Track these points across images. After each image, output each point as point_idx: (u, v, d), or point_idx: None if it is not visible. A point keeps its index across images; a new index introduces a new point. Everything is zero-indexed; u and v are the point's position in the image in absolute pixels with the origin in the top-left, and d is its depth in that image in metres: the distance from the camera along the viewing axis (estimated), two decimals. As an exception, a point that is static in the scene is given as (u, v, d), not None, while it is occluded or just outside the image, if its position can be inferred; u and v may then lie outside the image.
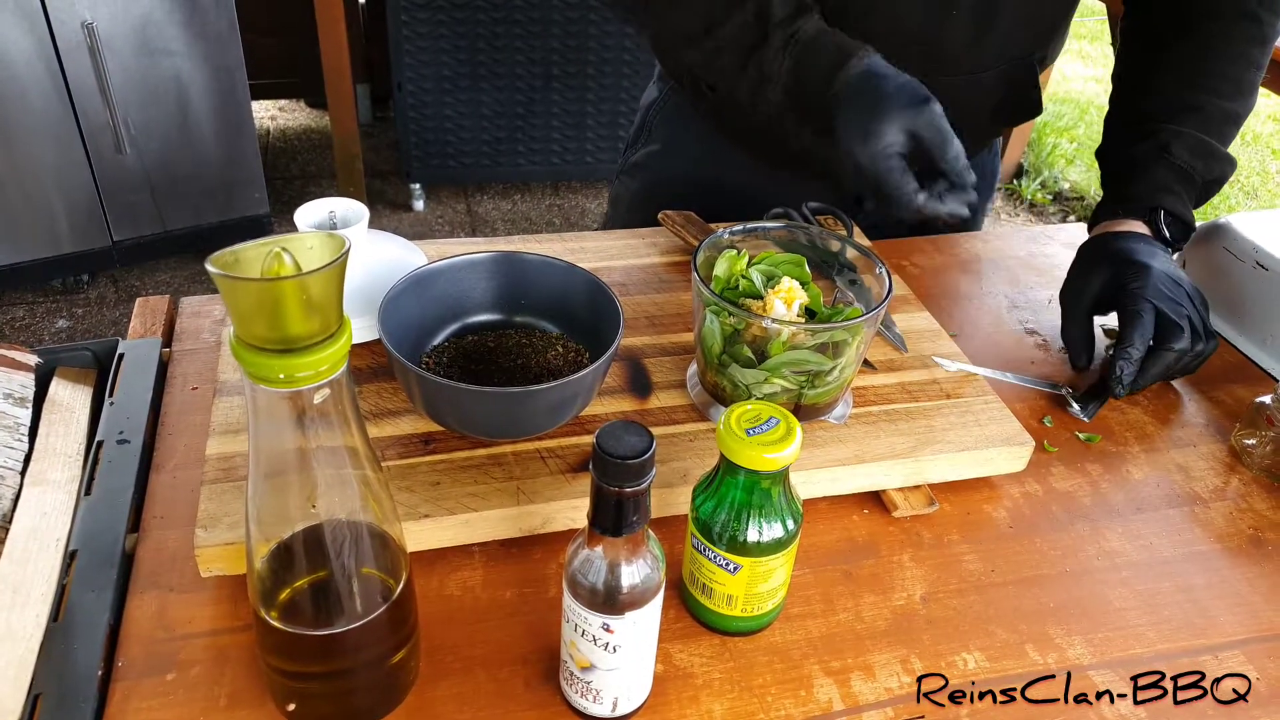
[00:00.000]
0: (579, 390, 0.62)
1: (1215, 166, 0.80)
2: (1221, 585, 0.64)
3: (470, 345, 0.71)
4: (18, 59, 2.02)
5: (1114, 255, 0.78)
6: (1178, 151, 0.79)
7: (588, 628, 0.48)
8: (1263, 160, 3.65)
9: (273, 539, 0.45)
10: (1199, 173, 0.80)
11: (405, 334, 0.66)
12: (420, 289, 0.68)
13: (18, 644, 0.52)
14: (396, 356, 0.60)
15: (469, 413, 0.62)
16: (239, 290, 0.36)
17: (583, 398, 0.64)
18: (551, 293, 0.71)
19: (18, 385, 0.68)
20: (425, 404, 0.63)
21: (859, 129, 0.67)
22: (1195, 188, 0.80)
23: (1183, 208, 0.80)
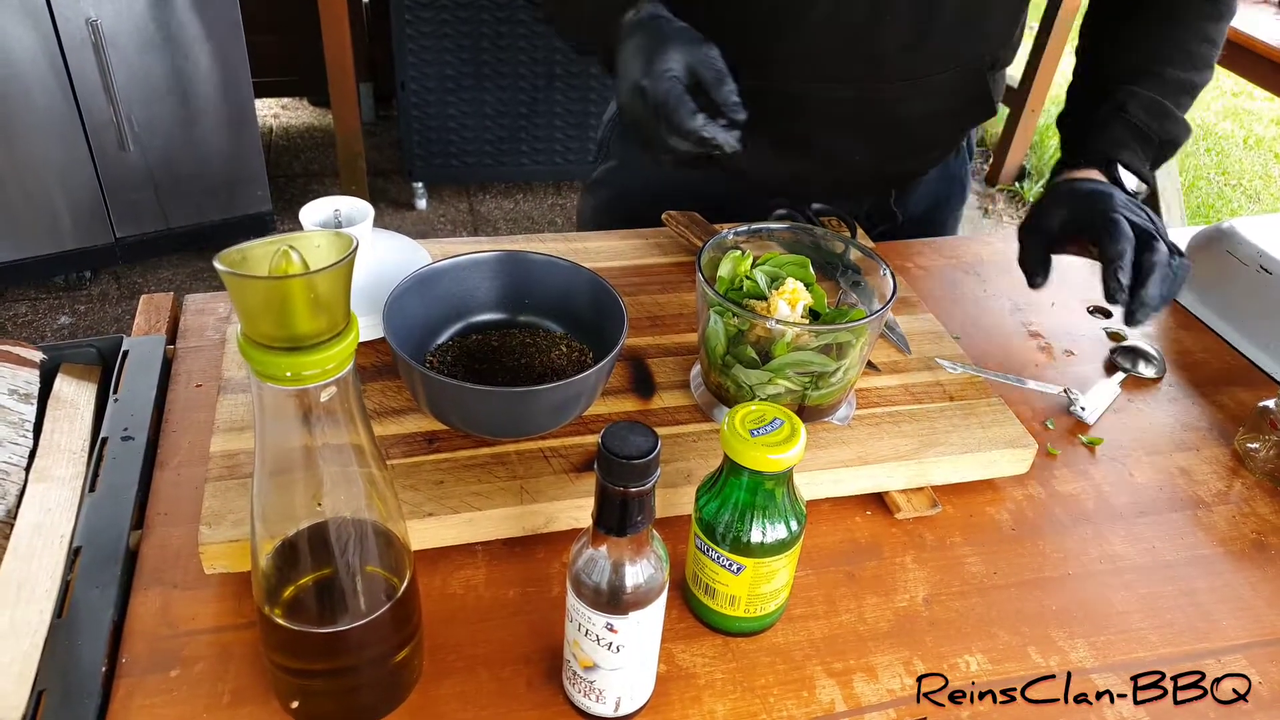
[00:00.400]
0: (582, 390, 0.62)
1: (1170, 127, 0.81)
2: (1224, 589, 0.64)
3: (474, 344, 0.71)
4: (22, 55, 2.02)
5: (1076, 190, 0.78)
6: (1134, 110, 0.81)
7: (591, 627, 0.48)
8: (1265, 164, 3.64)
9: (277, 536, 0.45)
10: (1154, 132, 0.80)
11: (409, 333, 0.66)
12: (424, 288, 0.68)
13: (22, 640, 0.52)
14: (401, 355, 0.60)
15: (472, 412, 0.62)
16: (247, 288, 0.36)
17: (586, 398, 0.64)
18: (556, 292, 0.71)
19: (22, 381, 0.69)
20: (429, 403, 0.63)
21: (642, 57, 0.69)
22: (1151, 147, 0.81)
23: (1138, 164, 0.80)
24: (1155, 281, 0.70)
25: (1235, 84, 4.21)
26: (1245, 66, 2.18)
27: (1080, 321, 0.90)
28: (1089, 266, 0.98)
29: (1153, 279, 0.71)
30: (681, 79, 0.68)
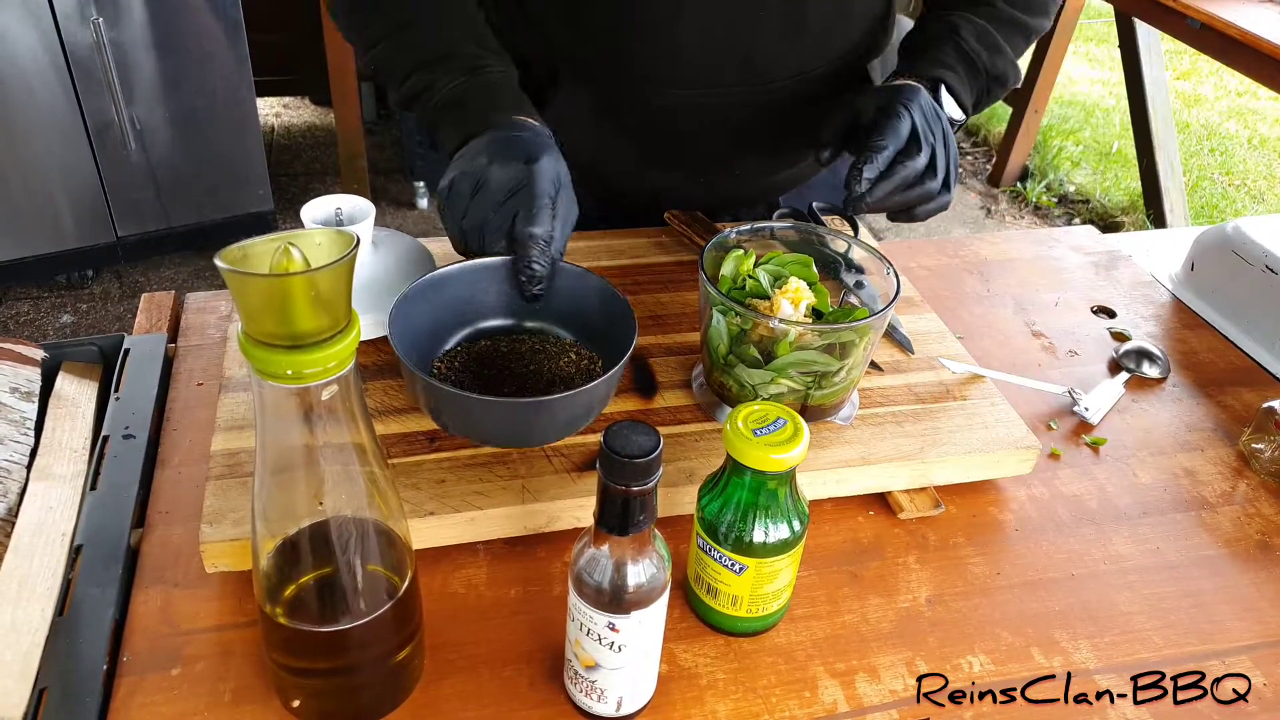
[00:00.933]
0: (591, 401, 0.62)
1: (999, 61, 0.81)
2: (1229, 590, 0.64)
3: (482, 350, 0.70)
4: (25, 55, 2.02)
5: (888, 87, 0.77)
6: (965, 35, 0.80)
7: (593, 626, 0.48)
8: (1270, 165, 3.64)
9: (279, 535, 0.45)
10: (983, 62, 0.80)
11: (416, 339, 0.65)
12: (432, 293, 0.68)
13: (23, 638, 0.52)
14: (406, 365, 0.59)
15: (478, 422, 0.62)
16: (248, 286, 0.36)
17: (596, 408, 0.64)
18: (565, 298, 0.70)
19: (24, 380, 0.68)
20: (434, 412, 0.63)
21: (483, 196, 0.66)
22: (978, 77, 0.80)
23: (961, 89, 0.79)
24: (892, 184, 0.69)
25: (1240, 83, 4.21)
26: (1250, 65, 2.17)
27: (1084, 321, 0.90)
28: (1092, 267, 0.98)
29: (891, 180, 0.69)
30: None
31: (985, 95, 0.82)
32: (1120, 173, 3.41)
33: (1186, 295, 0.94)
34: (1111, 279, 0.97)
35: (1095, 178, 3.40)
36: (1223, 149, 3.71)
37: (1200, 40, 2.28)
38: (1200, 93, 4.22)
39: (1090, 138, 3.66)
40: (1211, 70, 4.35)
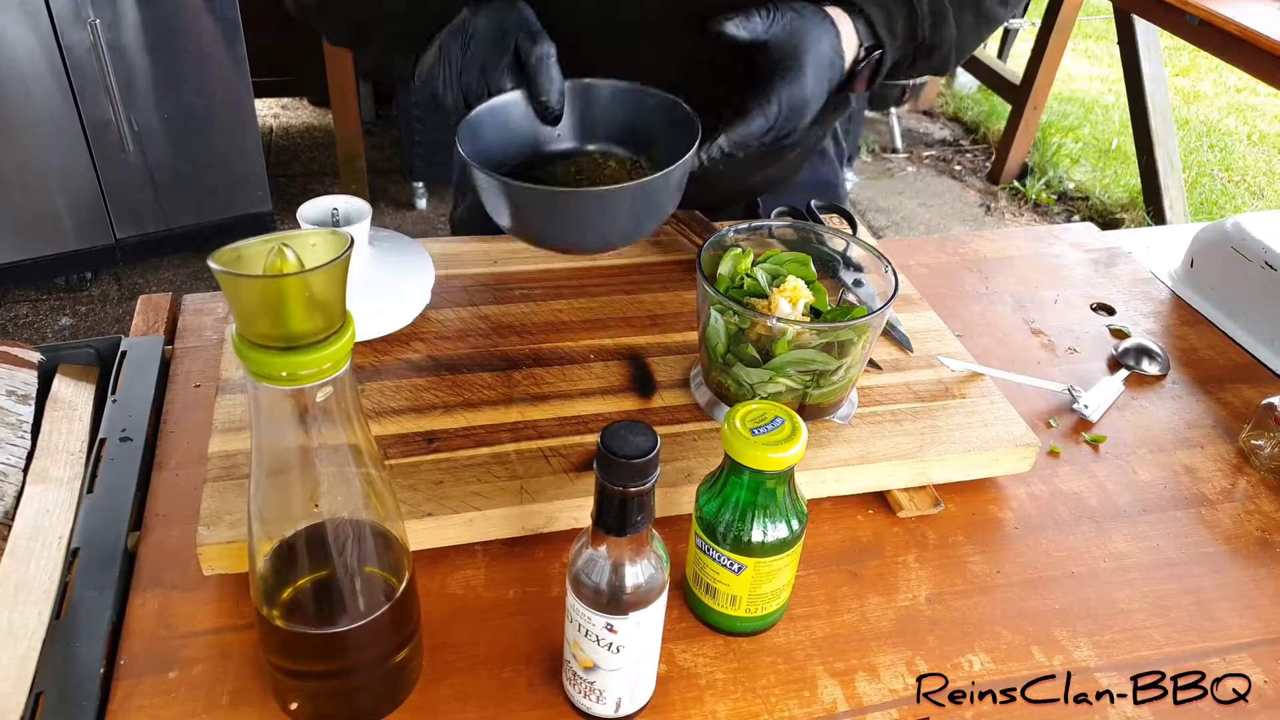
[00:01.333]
0: (667, 188, 0.64)
1: (939, 12, 0.76)
2: (1229, 587, 0.64)
3: (545, 174, 0.72)
4: (22, 56, 2.02)
5: (799, 13, 0.72)
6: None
7: (591, 627, 0.48)
8: (1269, 160, 3.63)
9: (275, 537, 0.45)
10: (921, 5, 0.75)
11: (485, 160, 0.66)
12: (495, 117, 0.69)
13: (19, 642, 0.52)
14: (479, 169, 0.61)
15: (557, 219, 0.63)
16: (241, 287, 0.36)
17: (669, 201, 0.65)
18: (624, 117, 0.72)
19: (20, 382, 0.68)
20: (515, 220, 0.64)
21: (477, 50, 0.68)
22: (908, 22, 0.75)
23: (884, 25, 0.75)
24: (733, 141, 0.68)
25: (1239, 79, 4.21)
26: (1248, 61, 2.17)
27: (1083, 319, 0.90)
28: (1091, 264, 0.98)
29: (732, 135, 0.68)
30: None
31: (910, 63, 0.79)
32: (1119, 169, 3.41)
33: (1186, 292, 0.94)
34: (1111, 276, 0.96)
35: (1094, 174, 3.40)
36: (1222, 145, 3.71)
37: (1199, 36, 2.28)
38: (1199, 89, 4.22)
39: (1089, 134, 3.66)
40: (1210, 66, 4.35)
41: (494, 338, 0.75)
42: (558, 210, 0.64)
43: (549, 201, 0.64)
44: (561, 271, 0.84)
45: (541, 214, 0.65)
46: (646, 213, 0.66)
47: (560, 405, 0.69)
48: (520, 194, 0.63)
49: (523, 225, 0.66)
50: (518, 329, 0.76)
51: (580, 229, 0.65)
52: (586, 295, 0.81)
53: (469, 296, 0.80)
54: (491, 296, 0.80)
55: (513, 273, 0.83)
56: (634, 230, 0.66)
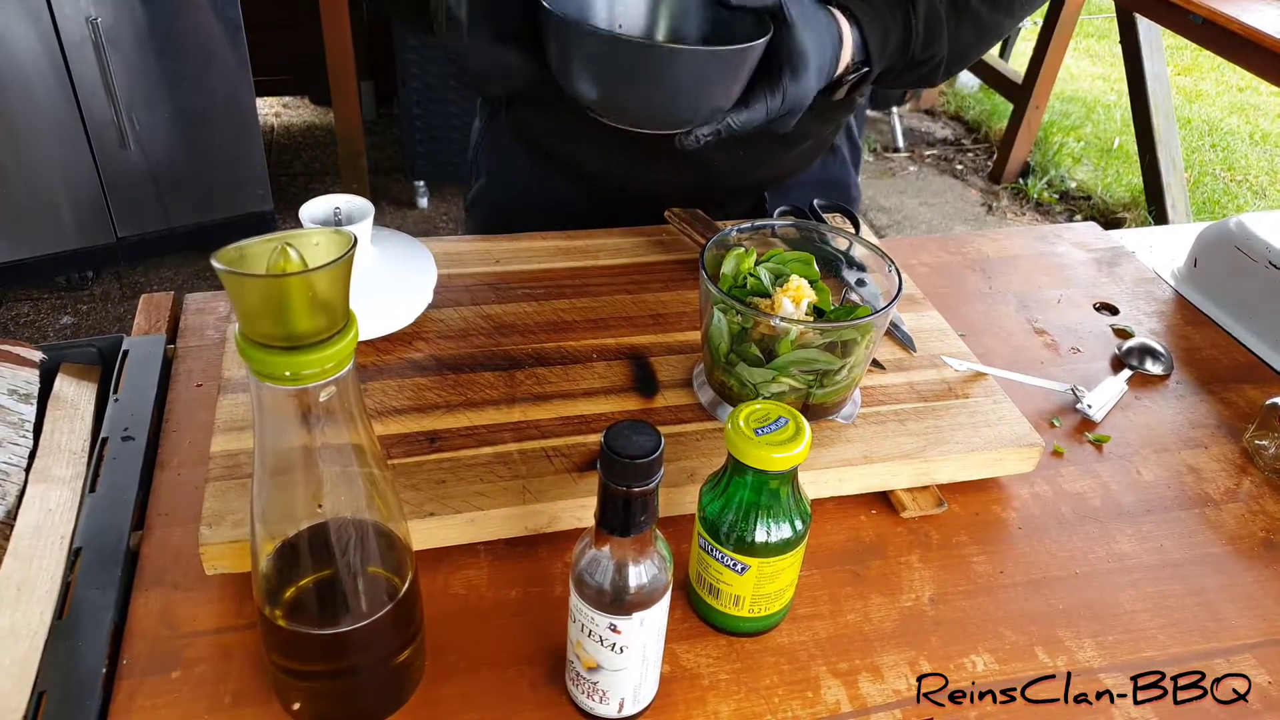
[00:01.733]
0: (741, 67, 0.64)
1: (934, 30, 0.76)
2: (1233, 588, 0.63)
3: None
4: (23, 55, 2.02)
5: (791, 34, 0.69)
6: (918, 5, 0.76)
7: (594, 628, 0.47)
8: (1271, 160, 3.63)
9: (278, 537, 0.45)
10: (917, 24, 0.75)
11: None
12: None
13: (22, 641, 0.52)
14: (559, 14, 0.60)
15: (636, 73, 0.62)
16: (245, 286, 0.36)
17: (735, 83, 0.65)
18: (695, 15, 0.71)
19: (22, 381, 0.68)
20: (594, 79, 0.63)
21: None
22: (902, 38, 0.75)
23: (878, 45, 0.74)
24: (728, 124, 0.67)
25: (1241, 79, 4.20)
26: (1251, 60, 2.17)
27: (1086, 318, 0.89)
28: (1094, 264, 0.98)
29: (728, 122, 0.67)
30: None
31: (895, 75, 0.79)
32: (1122, 169, 3.41)
33: (1189, 291, 0.94)
34: (1114, 275, 0.96)
35: (1097, 174, 3.40)
36: (1224, 144, 3.71)
37: (1202, 35, 2.27)
38: (1201, 88, 4.21)
39: (1092, 134, 3.65)
40: (1213, 65, 4.35)
41: (496, 337, 0.75)
42: (641, 66, 0.62)
43: (635, 55, 0.61)
44: (563, 271, 0.84)
45: (620, 71, 0.63)
46: (718, 91, 0.64)
47: (563, 405, 0.68)
48: (604, 44, 0.61)
49: (599, 84, 0.64)
50: (520, 328, 0.76)
51: (658, 92, 0.63)
52: (589, 294, 0.81)
53: (471, 296, 0.80)
54: (494, 296, 0.80)
55: (515, 272, 0.83)
56: (702, 106, 0.65)
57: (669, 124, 0.66)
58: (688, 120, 0.66)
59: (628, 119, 0.66)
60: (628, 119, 0.66)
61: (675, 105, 0.64)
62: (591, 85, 0.64)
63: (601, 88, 0.64)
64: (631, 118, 0.66)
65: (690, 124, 0.66)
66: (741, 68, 0.65)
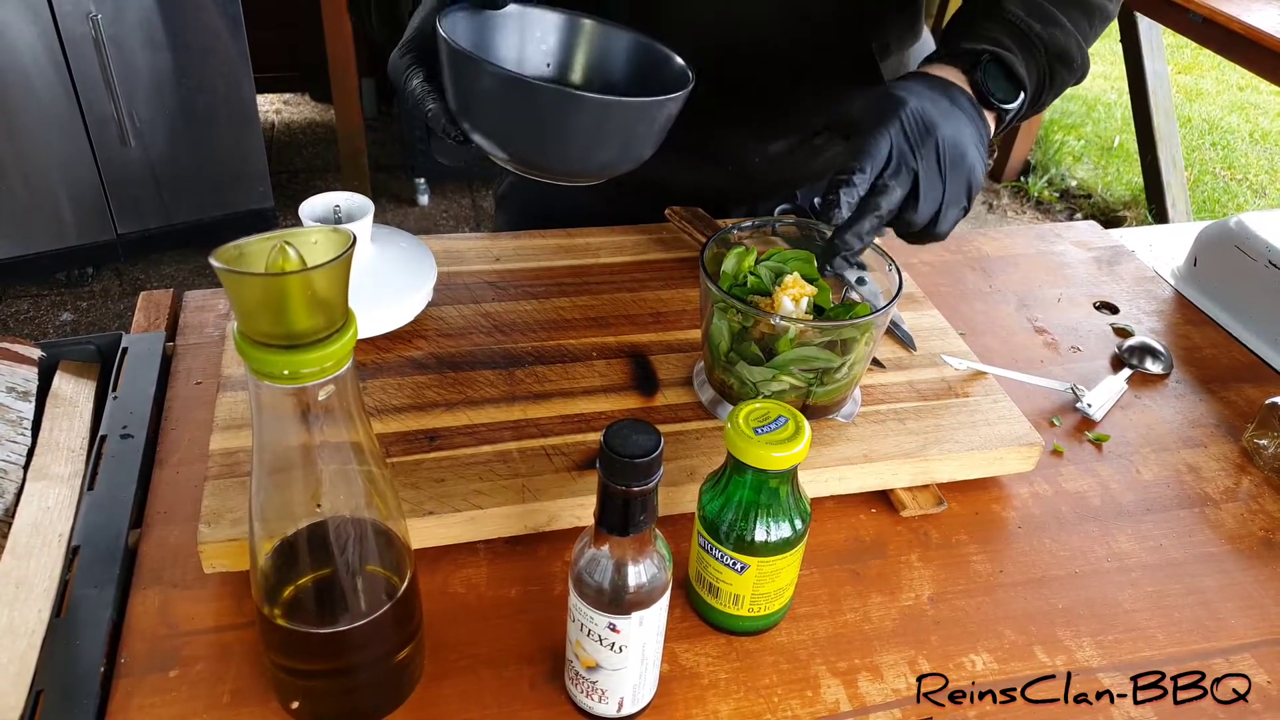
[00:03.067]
0: (658, 119, 0.59)
1: (1056, 34, 0.71)
2: (1232, 587, 0.63)
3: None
4: (23, 51, 2.02)
5: (882, 87, 0.67)
6: (1010, 6, 0.71)
7: (593, 627, 0.47)
8: (1271, 159, 3.63)
9: (276, 536, 0.45)
10: (1036, 35, 0.71)
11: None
12: (473, 22, 0.64)
13: (19, 640, 0.52)
14: (459, 48, 0.56)
15: (543, 123, 0.58)
16: (243, 285, 0.36)
17: (654, 133, 0.61)
18: (612, 61, 0.67)
19: (20, 379, 0.68)
20: (484, 116, 0.59)
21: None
22: (1034, 53, 0.71)
23: (1013, 60, 0.69)
24: (868, 219, 0.61)
25: (1241, 77, 4.20)
26: (1251, 59, 2.16)
27: (1086, 317, 0.89)
28: (1094, 263, 0.98)
29: (866, 214, 0.61)
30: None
31: (1049, 78, 0.72)
32: (1122, 167, 3.41)
33: (1189, 291, 0.94)
34: (1114, 274, 0.96)
35: (1097, 173, 3.40)
36: (1224, 143, 3.71)
37: (1202, 34, 2.27)
38: (1202, 87, 4.21)
39: (1092, 132, 3.65)
40: (1213, 64, 4.34)
41: (496, 335, 0.75)
42: (556, 114, 0.57)
43: (551, 102, 0.56)
44: (563, 269, 0.84)
45: (535, 118, 0.57)
46: (635, 140, 0.60)
47: (562, 403, 0.68)
48: (516, 89, 0.56)
49: (508, 130, 0.59)
50: (520, 326, 0.76)
51: (570, 141, 0.59)
52: (589, 293, 0.81)
53: (471, 294, 0.80)
54: (494, 294, 0.80)
55: (515, 270, 0.83)
56: (617, 157, 0.61)
57: (582, 176, 0.62)
58: (596, 171, 0.62)
59: (534, 169, 0.62)
60: (534, 169, 0.62)
61: (583, 154, 0.60)
62: (491, 123, 0.59)
63: (499, 129, 0.59)
64: (538, 168, 0.62)
65: (607, 174, 0.62)
66: (663, 118, 0.60)
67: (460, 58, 0.57)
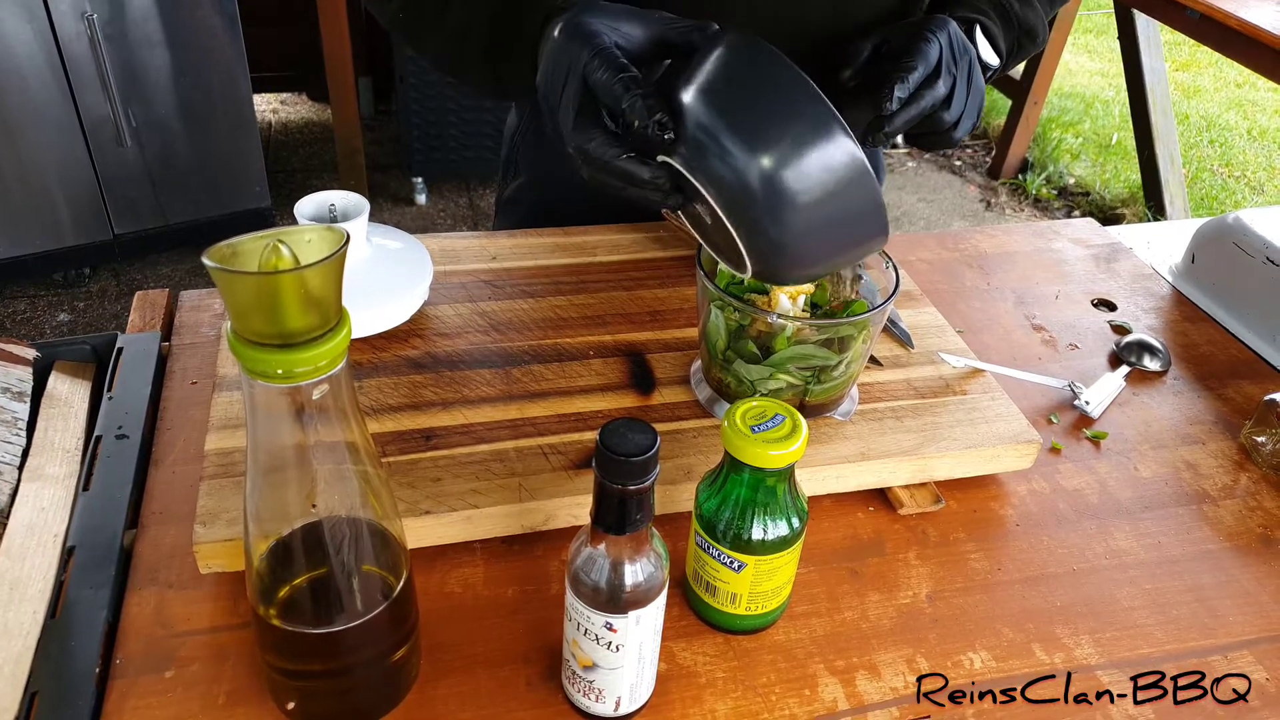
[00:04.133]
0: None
1: (1029, 13, 0.79)
2: (1231, 584, 0.63)
3: None
4: (19, 51, 2.01)
5: (917, 18, 0.73)
6: None
7: (590, 626, 0.47)
8: (1269, 156, 3.63)
9: (272, 536, 0.45)
10: (1014, 12, 0.78)
11: None
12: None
13: (14, 641, 0.52)
14: (817, 95, 0.49)
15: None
16: (236, 284, 0.36)
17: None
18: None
19: (15, 379, 0.68)
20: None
21: (552, 96, 0.60)
22: (1010, 27, 0.78)
23: (996, 33, 0.76)
24: (913, 110, 0.65)
25: (1239, 74, 4.20)
26: (1249, 56, 2.16)
27: (1084, 314, 0.89)
28: (1092, 260, 0.97)
29: (914, 106, 0.65)
30: (596, 113, 0.57)
31: (1016, 48, 0.80)
32: (1120, 165, 3.41)
33: (1187, 288, 0.94)
34: (1112, 272, 0.96)
35: (1095, 170, 3.40)
36: (1222, 140, 3.71)
37: (1199, 31, 2.27)
38: (1199, 84, 4.21)
39: (1090, 130, 3.65)
40: (1211, 61, 4.34)
41: (492, 334, 0.75)
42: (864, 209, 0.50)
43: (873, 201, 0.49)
44: (560, 267, 0.84)
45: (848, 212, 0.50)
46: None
47: (559, 402, 0.68)
48: (860, 174, 0.48)
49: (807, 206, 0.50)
50: (516, 325, 0.76)
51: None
52: (586, 291, 0.81)
53: (467, 293, 0.79)
54: (490, 293, 0.80)
55: (511, 269, 0.83)
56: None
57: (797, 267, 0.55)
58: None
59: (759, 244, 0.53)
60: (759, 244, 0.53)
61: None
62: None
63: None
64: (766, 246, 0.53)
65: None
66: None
67: (787, 83, 0.48)
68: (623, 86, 0.54)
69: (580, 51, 0.56)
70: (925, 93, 0.66)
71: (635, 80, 0.54)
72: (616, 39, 0.58)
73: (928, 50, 0.67)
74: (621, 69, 0.55)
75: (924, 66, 0.66)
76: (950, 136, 0.70)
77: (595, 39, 0.57)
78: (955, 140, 0.71)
